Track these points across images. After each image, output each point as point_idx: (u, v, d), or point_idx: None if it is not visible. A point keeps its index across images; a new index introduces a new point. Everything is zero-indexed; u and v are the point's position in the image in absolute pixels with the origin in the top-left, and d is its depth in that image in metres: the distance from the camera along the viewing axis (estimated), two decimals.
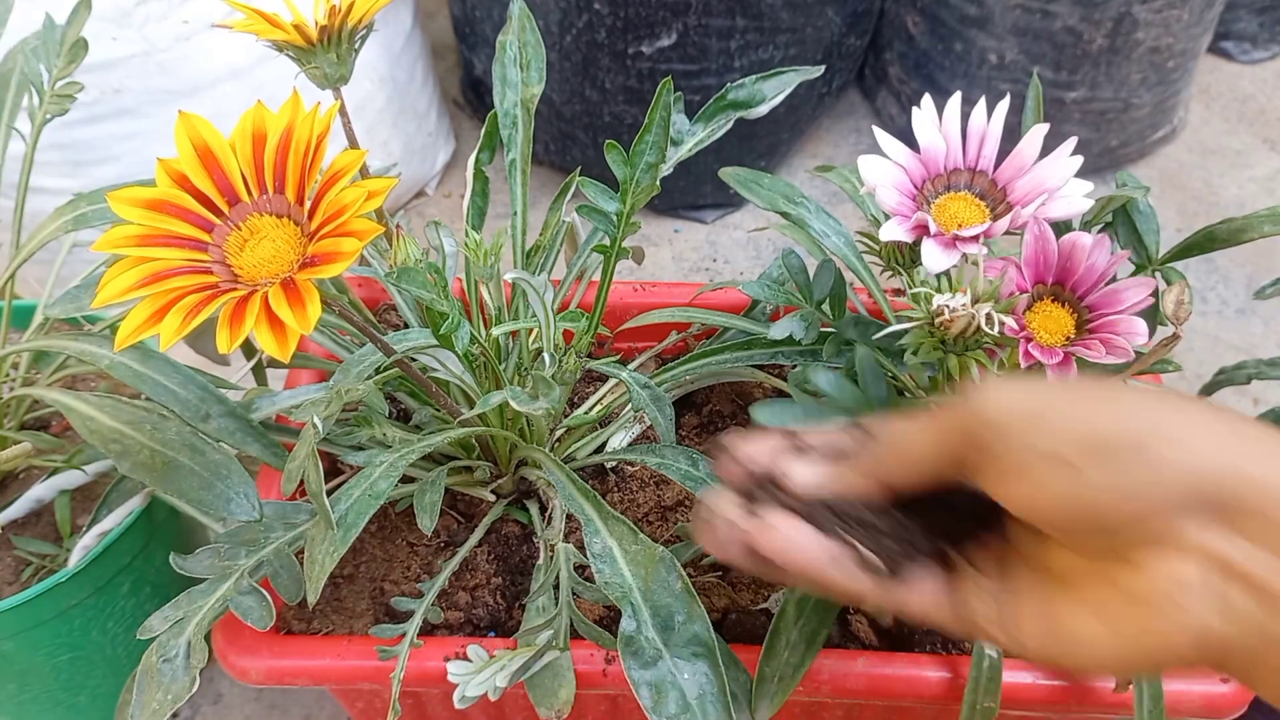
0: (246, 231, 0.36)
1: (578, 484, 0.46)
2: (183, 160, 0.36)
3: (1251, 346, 1.00)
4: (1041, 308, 0.41)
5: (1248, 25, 1.32)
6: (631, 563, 0.41)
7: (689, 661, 0.38)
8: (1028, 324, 0.40)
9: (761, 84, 0.54)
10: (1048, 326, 0.40)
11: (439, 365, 0.49)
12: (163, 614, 0.44)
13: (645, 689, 0.38)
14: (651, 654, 0.38)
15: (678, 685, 0.37)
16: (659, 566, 0.41)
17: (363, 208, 0.33)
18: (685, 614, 0.39)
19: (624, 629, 0.39)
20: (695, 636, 0.38)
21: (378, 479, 0.43)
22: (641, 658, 0.38)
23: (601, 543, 0.43)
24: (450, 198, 1.16)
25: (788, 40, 1.02)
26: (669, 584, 0.40)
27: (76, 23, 0.55)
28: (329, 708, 0.73)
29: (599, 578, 0.41)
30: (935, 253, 0.38)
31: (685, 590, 0.40)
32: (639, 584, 0.40)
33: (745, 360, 0.53)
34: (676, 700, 0.37)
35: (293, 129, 0.35)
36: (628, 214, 0.51)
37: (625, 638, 0.39)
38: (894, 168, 0.41)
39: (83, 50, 0.55)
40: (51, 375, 0.59)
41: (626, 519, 0.44)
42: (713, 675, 0.37)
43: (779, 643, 0.43)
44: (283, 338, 0.32)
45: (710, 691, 0.37)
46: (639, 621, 0.39)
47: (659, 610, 0.39)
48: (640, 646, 0.38)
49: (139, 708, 0.41)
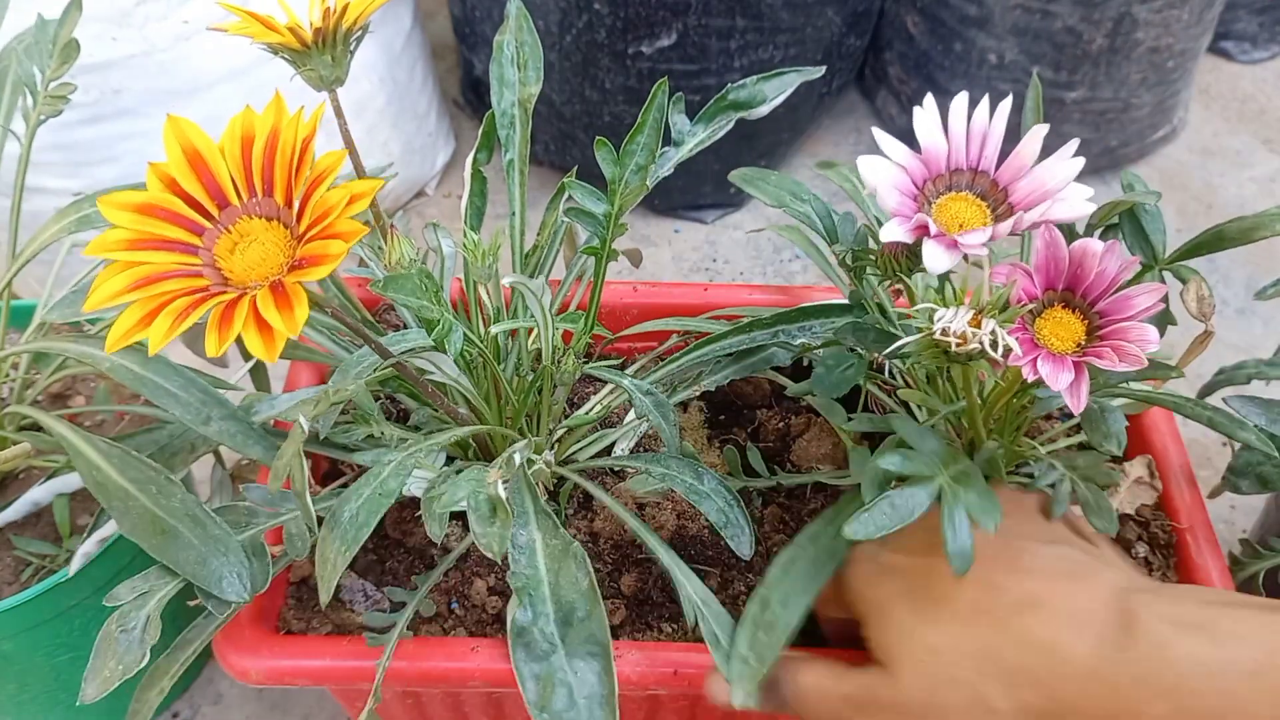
0: (236, 235, 0.36)
1: (526, 479, 0.46)
2: (172, 164, 0.36)
3: (1251, 346, 1.00)
4: (1052, 314, 0.41)
5: (1248, 25, 1.32)
6: (549, 556, 0.41)
7: (584, 660, 0.37)
8: (1037, 331, 0.40)
9: (762, 84, 0.54)
10: (1058, 333, 0.40)
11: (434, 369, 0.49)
12: (131, 584, 0.44)
13: (531, 682, 0.37)
14: (544, 648, 0.38)
15: (567, 682, 0.37)
16: (571, 562, 0.40)
17: (346, 210, 0.33)
18: (586, 612, 0.38)
19: (517, 619, 0.38)
20: (592, 635, 0.38)
21: (387, 477, 0.43)
22: (533, 650, 0.38)
23: (527, 535, 0.42)
24: (450, 198, 1.16)
25: (788, 40, 1.01)
26: (577, 580, 0.40)
27: (69, 22, 0.55)
28: (329, 708, 0.73)
29: (513, 566, 0.41)
30: (936, 253, 0.38)
31: (591, 588, 0.39)
32: (550, 577, 0.40)
33: (746, 343, 0.53)
34: (564, 696, 0.36)
35: (278, 132, 0.35)
36: (616, 215, 0.51)
37: (518, 628, 0.38)
38: (894, 168, 0.40)
39: (75, 50, 0.55)
40: (51, 375, 0.59)
41: (552, 514, 0.44)
42: (604, 676, 0.37)
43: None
44: (270, 340, 0.32)
45: (599, 693, 0.37)
46: (536, 613, 0.39)
47: (563, 605, 0.39)
48: (533, 639, 0.38)
49: (93, 674, 0.42)
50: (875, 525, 0.39)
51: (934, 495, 0.40)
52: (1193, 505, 0.55)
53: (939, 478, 0.40)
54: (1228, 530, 0.84)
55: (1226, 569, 0.53)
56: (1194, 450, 0.81)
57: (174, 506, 0.44)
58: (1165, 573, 0.54)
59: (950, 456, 0.41)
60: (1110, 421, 0.45)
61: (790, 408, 0.62)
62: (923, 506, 0.40)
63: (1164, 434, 0.58)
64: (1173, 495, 0.55)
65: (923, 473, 0.40)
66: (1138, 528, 0.55)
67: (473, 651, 0.49)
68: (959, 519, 0.40)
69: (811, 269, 1.08)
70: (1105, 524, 0.46)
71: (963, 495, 0.40)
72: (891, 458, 0.40)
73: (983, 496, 0.40)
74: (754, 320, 0.53)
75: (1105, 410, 0.45)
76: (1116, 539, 0.54)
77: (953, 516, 0.40)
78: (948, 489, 0.40)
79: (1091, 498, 0.47)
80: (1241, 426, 0.46)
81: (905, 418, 0.43)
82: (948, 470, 0.41)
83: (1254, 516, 0.78)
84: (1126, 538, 0.54)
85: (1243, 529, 0.84)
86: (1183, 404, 0.47)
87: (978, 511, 0.39)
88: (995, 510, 0.40)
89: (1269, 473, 0.54)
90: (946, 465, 0.41)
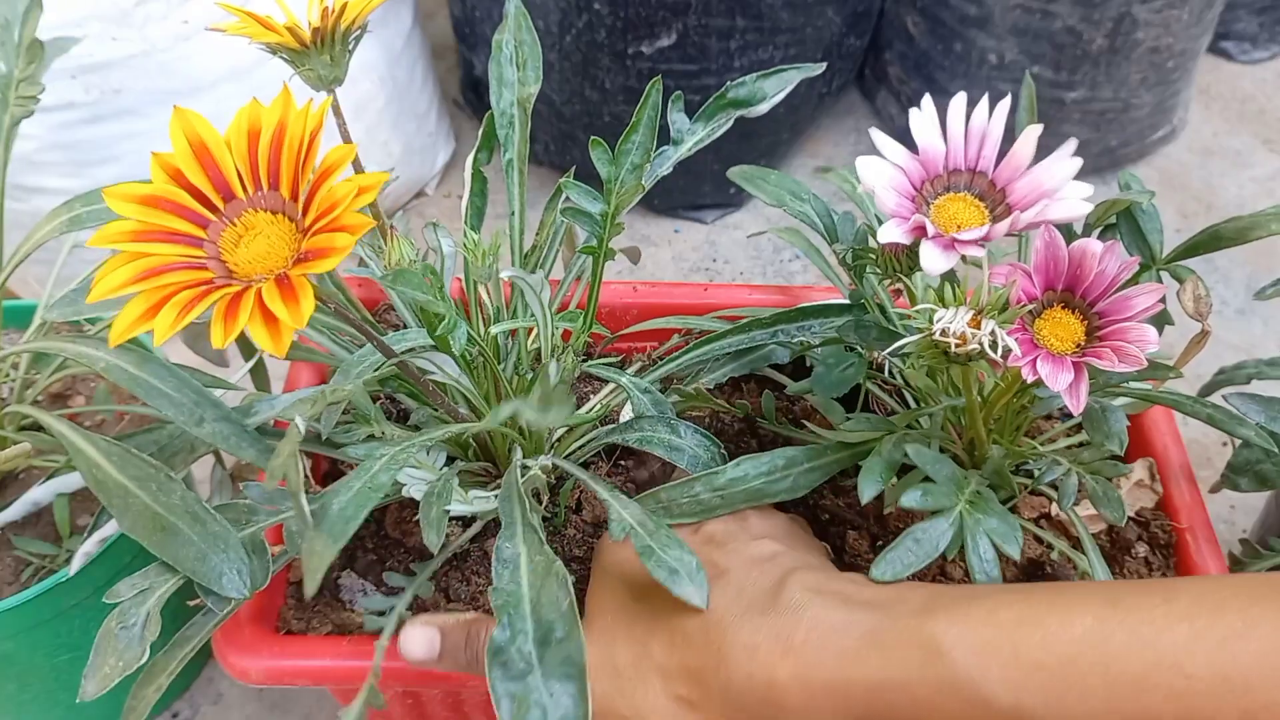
0: (241, 227, 0.36)
1: (518, 489, 0.46)
2: (178, 156, 0.36)
3: (1251, 346, 1.00)
4: (1051, 315, 0.41)
5: (1248, 25, 1.32)
6: (532, 573, 0.41)
7: (560, 681, 0.37)
8: (1037, 332, 0.40)
9: (762, 82, 0.54)
10: (1058, 334, 0.40)
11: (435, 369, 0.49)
12: (131, 581, 0.44)
13: (506, 700, 0.37)
14: (521, 667, 0.37)
15: (542, 704, 0.36)
16: (553, 581, 0.40)
17: (354, 203, 0.33)
18: (564, 633, 0.38)
19: (495, 638, 0.38)
20: (569, 657, 0.37)
21: (378, 472, 0.43)
22: (510, 669, 0.37)
23: (513, 549, 0.42)
24: (450, 198, 1.16)
25: (788, 40, 1.02)
26: (558, 600, 0.39)
27: (30, 22, 0.55)
28: (329, 708, 0.73)
29: (496, 581, 0.41)
30: (934, 254, 0.38)
31: (571, 609, 0.39)
32: (532, 595, 0.40)
33: (745, 342, 0.53)
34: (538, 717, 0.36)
35: (285, 125, 0.35)
36: (612, 215, 0.51)
37: (495, 648, 0.38)
38: (892, 169, 0.41)
39: (40, 50, 0.55)
40: (50, 375, 0.59)
41: (540, 529, 0.44)
42: (579, 700, 0.37)
43: None
44: (277, 333, 0.32)
45: (573, 715, 0.36)
46: (514, 632, 0.38)
47: (542, 625, 0.39)
48: (510, 658, 0.38)
49: (93, 670, 0.42)
50: (903, 565, 0.40)
51: (955, 524, 0.41)
52: (1193, 505, 0.55)
53: (958, 504, 0.41)
54: (1228, 530, 0.84)
55: (1226, 569, 0.53)
56: (1194, 450, 0.81)
57: (174, 503, 0.44)
58: (1165, 572, 0.54)
59: (963, 480, 0.42)
60: (1111, 420, 0.45)
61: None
62: (946, 538, 0.41)
63: (1164, 433, 0.58)
64: (1173, 495, 0.55)
65: (943, 504, 0.41)
66: (1138, 528, 0.55)
67: None
68: (983, 546, 0.41)
69: (811, 269, 1.08)
70: (1114, 514, 0.46)
71: (983, 521, 0.41)
72: (913, 494, 0.41)
73: (1002, 520, 0.41)
74: (753, 320, 0.53)
75: (1106, 409, 0.45)
76: (1117, 539, 0.54)
77: (976, 546, 0.41)
78: (967, 517, 0.41)
79: (1100, 489, 0.47)
80: (1241, 423, 0.46)
81: (922, 448, 0.43)
82: (963, 494, 0.42)
83: (1254, 516, 0.78)
84: (1126, 538, 0.54)
85: (1243, 529, 0.84)
86: (1183, 402, 0.47)
87: (1000, 537, 0.40)
88: (1015, 535, 0.41)
89: (1268, 470, 0.54)
90: (961, 490, 0.42)
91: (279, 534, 0.48)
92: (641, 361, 0.63)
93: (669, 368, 0.55)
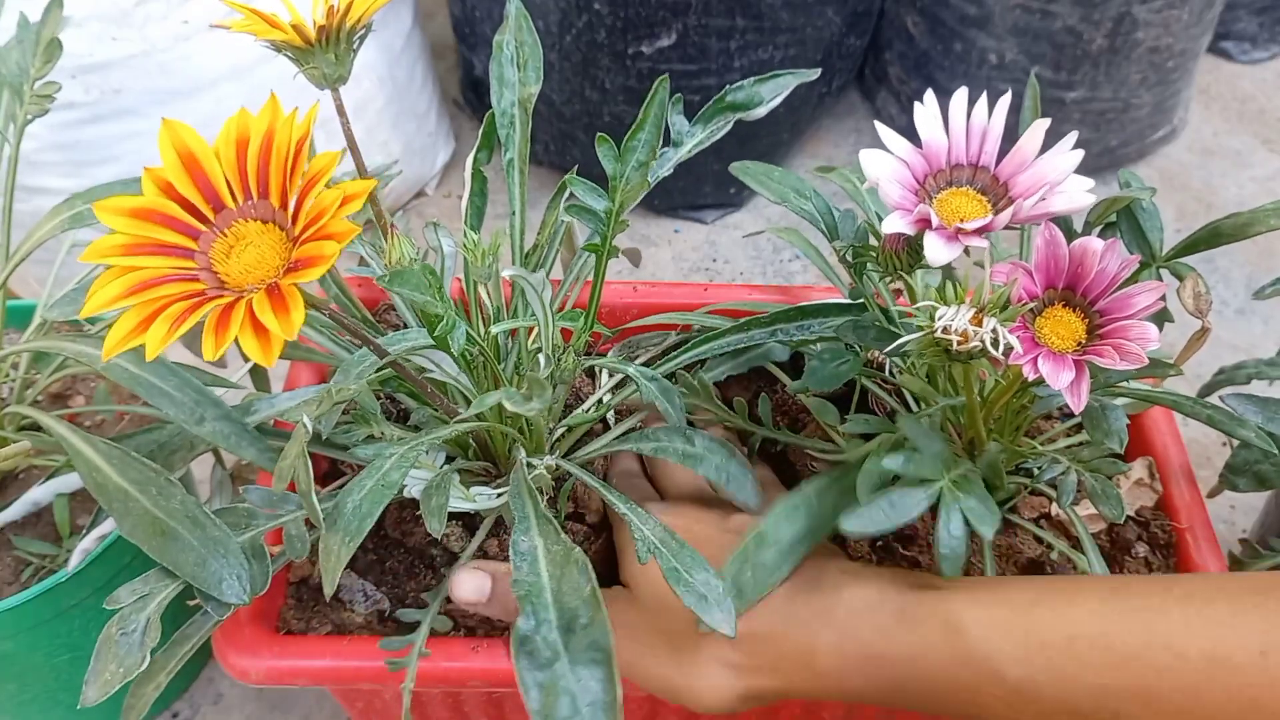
0: (232, 238, 0.36)
1: (527, 484, 0.46)
2: (168, 168, 0.36)
3: (1251, 346, 1.00)
4: (1052, 313, 0.41)
5: (1248, 25, 1.32)
6: (550, 563, 0.41)
7: (586, 667, 0.37)
8: (1038, 330, 0.40)
9: (759, 86, 0.54)
10: (1059, 332, 0.40)
11: (434, 367, 0.49)
12: (131, 587, 0.44)
13: (535, 690, 0.37)
14: (548, 655, 0.37)
15: (570, 690, 0.37)
16: (573, 568, 0.40)
17: (340, 211, 0.32)
18: (589, 618, 0.38)
19: (520, 628, 0.38)
20: (595, 642, 0.38)
21: (389, 469, 0.43)
22: (537, 659, 0.37)
23: (529, 541, 0.42)
24: (450, 198, 1.16)
25: (787, 40, 1.02)
26: (579, 587, 0.39)
27: (50, 21, 0.55)
28: (329, 708, 0.73)
29: (515, 574, 0.41)
30: (938, 245, 0.38)
31: (593, 594, 0.39)
32: (553, 584, 0.40)
33: (744, 341, 0.53)
34: (568, 705, 0.36)
35: (273, 133, 0.35)
36: (617, 212, 0.51)
37: (520, 637, 0.38)
38: (896, 162, 0.41)
39: (58, 49, 0.55)
40: (50, 375, 0.59)
41: (554, 519, 0.44)
42: (607, 684, 0.37)
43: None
44: (267, 344, 0.32)
45: (602, 700, 0.36)
46: (539, 621, 0.38)
47: (565, 612, 0.39)
48: (536, 647, 0.38)
49: (94, 676, 0.42)
50: (872, 522, 0.40)
51: (933, 497, 0.40)
52: (1193, 505, 0.55)
53: (940, 480, 0.41)
54: (1228, 530, 0.84)
55: (1226, 569, 0.53)
56: (1194, 450, 0.81)
57: (174, 508, 0.44)
58: (1164, 572, 0.54)
59: (953, 460, 0.42)
60: (1111, 418, 0.45)
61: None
62: (921, 507, 0.40)
63: (1164, 433, 0.58)
64: (1172, 495, 0.55)
65: (925, 475, 0.41)
66: (1137, 527, 0.55)
67: (473, 651, 0.49)
68: (954, 521, 0.40)
69: (811, 269, 1.08)
70: (1113, 511, 0.46)
71: (962, 499, 0.40)
72: (895, 458, 0.41)
73: (981, 502, 0.41)
74: (752, 319, 0.53)
75: (1106, 408, 0.45)
76: (1116, 539, 0.54)
77: (948, 519, 0.40)
78: (947, 491, 0.41)
79: (1099, 487, 0.47)
80: (1240, 424, 0.46)
81: (912, 419, 0.43)
82: (950, 474, 0.41)
83: (1254, 516, 0.78)
84: (1126, 537, 0.54)
85: (1243, 529, 0.84)
86: (1182, 402, 0.47)
87: (975, 517, 0.40)
88: (992, 517, 0.40)
89: (1266, 471, 0.54)
90: (949, 469, 0.41)
91: (278, 536, 0.48)
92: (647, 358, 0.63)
93: (669, 366, 0.55)
